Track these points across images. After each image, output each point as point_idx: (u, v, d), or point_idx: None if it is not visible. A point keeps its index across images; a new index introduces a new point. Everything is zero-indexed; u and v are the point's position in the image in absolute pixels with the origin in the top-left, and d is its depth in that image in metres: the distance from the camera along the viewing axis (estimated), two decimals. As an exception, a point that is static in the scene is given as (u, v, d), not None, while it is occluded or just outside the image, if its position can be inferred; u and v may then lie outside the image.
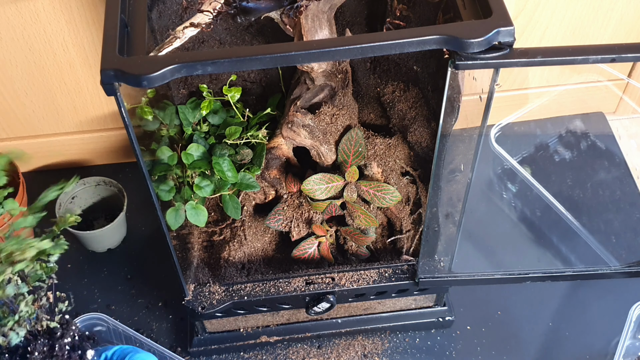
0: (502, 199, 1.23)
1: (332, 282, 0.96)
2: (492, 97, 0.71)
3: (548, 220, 1.18)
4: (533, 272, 0.97)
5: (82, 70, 1.13)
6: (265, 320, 1.04)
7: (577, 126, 1.35)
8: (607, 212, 1.21)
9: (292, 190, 1.01)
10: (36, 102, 1.17)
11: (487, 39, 0.63)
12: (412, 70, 1.05)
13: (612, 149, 1.31)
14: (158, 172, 0.94)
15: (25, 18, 1.04)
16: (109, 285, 1.15)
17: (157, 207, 0.78)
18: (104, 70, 0.61)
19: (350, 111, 1.02)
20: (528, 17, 1.18)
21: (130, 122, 0.68)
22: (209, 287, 0.96)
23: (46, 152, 1.27)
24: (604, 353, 1.06)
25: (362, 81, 1.12)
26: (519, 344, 1.08)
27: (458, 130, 0.81)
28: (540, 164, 1.27)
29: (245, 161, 0.99)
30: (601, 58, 0.67)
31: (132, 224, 1.21)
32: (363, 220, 0.99)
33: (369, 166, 1.00)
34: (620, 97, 1.37)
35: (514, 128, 1.30)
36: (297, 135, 0.98)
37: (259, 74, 1.11)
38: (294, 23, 0.91)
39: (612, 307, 1.11)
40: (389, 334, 1.09)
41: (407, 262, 0.98)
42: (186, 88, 1.08)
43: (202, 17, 0.76)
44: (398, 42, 0.63)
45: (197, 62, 0.61)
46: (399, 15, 0.95)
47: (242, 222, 1.02)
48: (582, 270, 1.01)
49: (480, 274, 0.96)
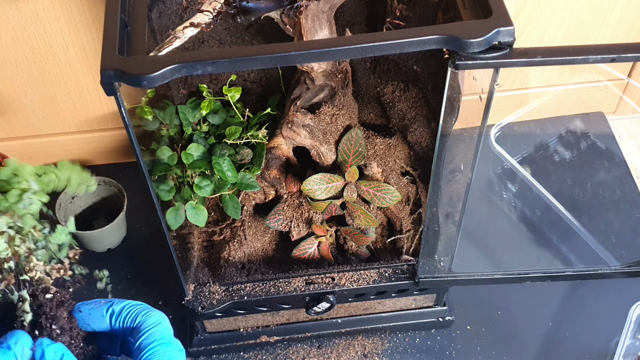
0: (502, 199, 1.23)
1: (332, 282, 0.96)
2: (492, 97, 0.71)
3: (548, 220, 1.18)
4: (533, 272, 0.97)
5: (82, 70, 1.13)
6: (265, 320, 1.04)
7: (577, 126, 1.35)
8: (607, 212, 1.21)
9: (292, 190, 1.01)
10: (36, 102, 1.17)
11: (487, 39, 0.63)
12: (412, 70, 1.05)
13: (612, 149, 1.31)
14: (158, 172, 0.94)
15: (25, 18, 1.04)
16: (109, 285, 1.15)
17: (157, 207, 0.78)
18: (104, 70, 0.61)
19: (350, 111, 1.02)
20: (528, 17, 1.18)
21: (130, 122, 0.68)
22: (209, 287, 0.96)
23: (46, 152, 1.26)
24: (604, 353, 1.06)
25: (362, 81, 1.12)
26: (519, 344, 1.08)
27: (458, 130, 0.80)
28: (540, 164, 1.27)
29: (245, 161, 0.99)
30: (601, 58, 0.67)
31: (132, 224, 1.21)
32: (363, 220, 0.99)
33: (369, 166, 1.00)
34: (620, 97, 1.37)
35: (514, 128, 1.30)
36: (297, 135, 0.98)
37: (259, 74, 1.11)
38: (294, 23, 0.91)
39: (612, 307, 1.11)
40: (389, 334, 1.09)
41: (407, 262, 0.98)
42: (186, 88, 1.08)
43: (202, 17, 0.76)
44: (398, 42, 0.63)
45: (197, 62, 0.61)
46: (399, 15, 0.95)
47: (242, 222, 1.02)
48: (582, 270, 1.01)
49: (480, 274, 0.96)
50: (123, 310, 0.65)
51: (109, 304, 0.66)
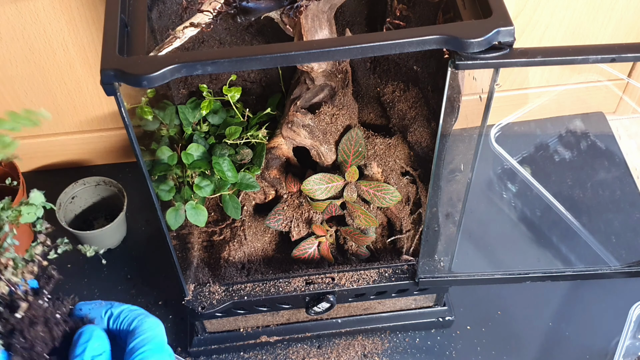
0: (502, 199, 1.23)
1: (332, 282, 0.96)
2: (492, 97, 0.71)
3: (548, 220, 1.18)
4: (533, 272, 0.97)
5: (82, 70, 1.13)
6: (265, 320, 1.04)
7: (577, 126, 1.35)
8: (607, 212, 1.21)
9: (292, 190, 1.01)
10: (36, 102, 1.17)
11: (487, 38, 0.63)
12: (412, 70, 1.05)
13: (612, 149, 1.31)
14: (158, 172, 0.94)
15: (25, 18, 1.04)
16: (109, 285, 1.15)
17: (157, 207, 0.78)
18: (104, 70, 0.61)
19: (350, 111, 1.02)
20: (528, 17, 1.18)
21: (130, 122, 0.68)
22: (209, 287, 0.96)
23: (46, 152, 1.26)
24: (604, 353, 1.06)
25: (362, 81, 1.12)
26: (519, 344, 1.08)
27: (458, 130, 0.80)
28: (540, 164, 1.27)
29: (245, 161, 0.99)
30: (601, 58, 0.67)
31: (132, 224, 1.21)
32: (363, 220, 0.99)
33: (369, 166, 1.00)
34: (620, 97, 1.37)
35: (514, 128, 1.30)
36: (297, 135, 0.98)
37: (259, 74, 1.11)
38: (294, 23, 0.91)
39: (612, 307, 1.11)
40: (389, 334, 1.09)
41: (407, 262, 0.98)
42: (186, 88, 1.08)
43: (202, 17, 0.76)
44: (398, 42, 0.63)
45: (197, 62, 0.61)
46: (399, 15, 0.95)
47: (242, 222, 1.02)
48: (582, 270, 1.01)
49: (480, 274, 0.96)
50: (121, 314, 0.65)
51: (108, 306, 0.66)
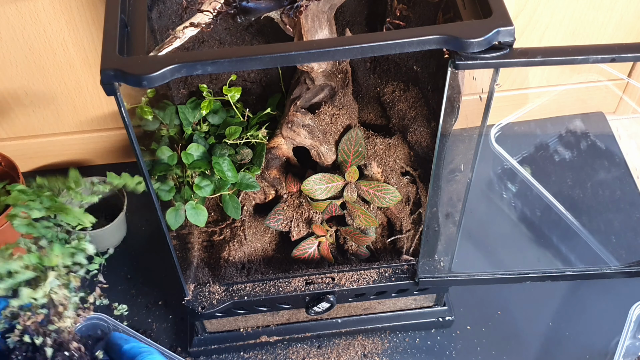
0: (502, 199, 1.23)
1: (332, 282, 0.96)
2: (492, 97, 0.71)
3: (548, 220, 1.18)
4: (533, 272, 0.97)
5: (82, 70, 1.13)
6: (265, 320, 1.04)
7: (577, 126, 1.35)
8: (607, 212, 1.21)
9: (292, 190, 1.01)
10: (36, 102, 1.17)
11: (487, 38, 0.63)
12: (412, 70, 1.05)
13: (612, 149, 1.31)
14: (158, 172, 0.94)
15: (25, 18, 1.04)
16: (109, 285, 1.14)
17: (157, 207, 0.78)
18: (104, 70, 0.61)
19: (350, 111, 1.02)
20: (528, 17, 1.18)
21: (130, 122, 0.68)
22: (209, 287, 0.96)
23: (46, 152, 1.26)
24: (604, 353, 1.06)
25: (362, 81, 1.12)
26: (519, 344, 1.08)
27: (458, 130, 0.81)
28: (540, 164, 1.27)
29: (245, 161, 0.99)
30: (601, 58, 0.67)
31: (132, 224, 1.21)
32: (363, 220, 0.99)
33: (369, 166, 1.00)
34: (620, 97, 1.37)
35: (514, 128, 1.30)
36: (297, 135, 0.98)
37: (259, 74, 1.11)
38: (294, 23, 0.91)
39: (612, 307, 1.11)
40: (389, 334, 1.09)
41: (407, 262, 0.98)
42: (186, 88, 1.08)
43: (202, 17, 0.76)
44: (398, 42, 0.63)
45: (197, 62, 0.61)
46: (399, 15, 0.95)
47: (242, 222, 1.02)
48: (582, 270, 1.01)
49: (480, 274, 0.96)
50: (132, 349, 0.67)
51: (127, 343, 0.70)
